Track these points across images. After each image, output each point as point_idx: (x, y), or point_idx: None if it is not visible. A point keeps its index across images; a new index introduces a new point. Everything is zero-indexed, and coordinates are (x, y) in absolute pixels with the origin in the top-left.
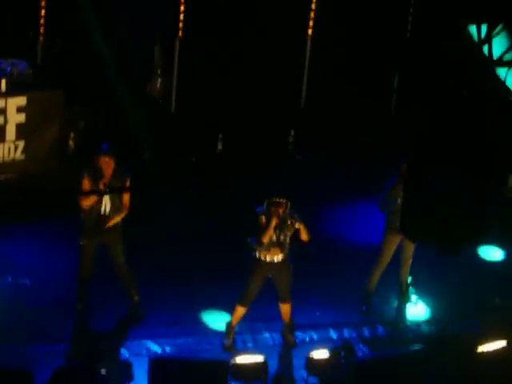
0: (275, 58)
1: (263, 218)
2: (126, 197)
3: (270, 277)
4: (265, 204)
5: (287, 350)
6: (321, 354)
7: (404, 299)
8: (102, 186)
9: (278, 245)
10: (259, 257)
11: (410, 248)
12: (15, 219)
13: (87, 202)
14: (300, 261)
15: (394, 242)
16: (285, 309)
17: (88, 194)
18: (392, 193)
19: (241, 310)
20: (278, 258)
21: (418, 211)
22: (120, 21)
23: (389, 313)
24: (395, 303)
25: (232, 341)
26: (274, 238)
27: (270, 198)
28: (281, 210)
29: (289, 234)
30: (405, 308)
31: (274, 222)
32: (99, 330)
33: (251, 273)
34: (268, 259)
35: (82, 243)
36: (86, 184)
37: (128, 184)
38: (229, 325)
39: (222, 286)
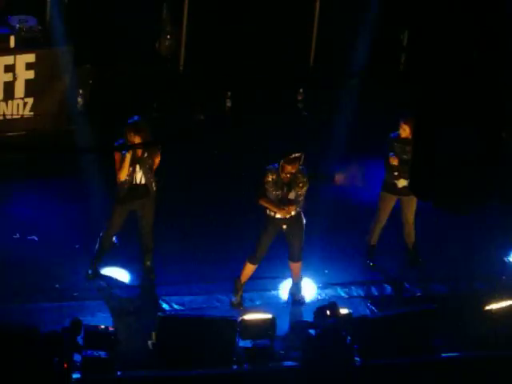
0: (285, 14)
1: (270, 175)
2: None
3: (283, 231)
4: (280, 162)
5: (295, 307)
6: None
7: (411, 258)
8: (133, 158)
9: (289, 202)
10: (269, 213)
11: (410, 207)
12: (23, 176)
13: (123, 174)
14: (308, 220)
15: (389, 198)
16: (295, 267)
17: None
18: (390, 148)
19: (251, 267)
20: (287, 214)
21: (428, 170)
22: None
23: (397, 272)
24: (403, 262)
25: (240, 298)
26: (285, 195)
27: (286, 155)
28: (293, 168)
29: (300, 191)
30: (412, 267)
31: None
32: (108, 286)
33: (262, 230)
34: (278, 215)
35: (114, 208)
36: (118, 157)
37: (159, 156)
38: (238, 282)
39: (232, 244)
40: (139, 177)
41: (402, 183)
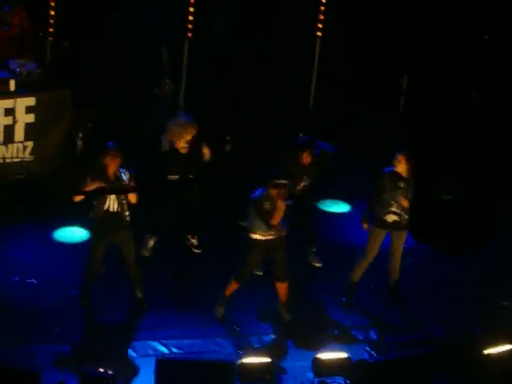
0: (284, 59)
1: (265, 203)
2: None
3: (268, 253)
4: (267, 188)
5: (294, 351)
6: (328, 355)
7: (392, 296)
8: (104, 183)
9: (278, 225)
10: (255, 237)
11: (398, 243)
12: (23, 219)
13: (78, 198)
14: (305, 263)
15: (379, 234)
16: (282, 288)
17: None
18: (381, 184)
19: (235, 286)
20: (273, 236)
21: (427, 214)
22: (128, 21)
23: (394, 315)
24: (397, 306)
25: (224, 311)
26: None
27: (271, 180)
28: (283, 192)
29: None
30: (392, 305)
31: (281, 205)
32: (106, 329)
33: (249, 253)
34: (264, 238)
35: (92, 242)
36: (89, 182)
37: (133, 180)
38: (223, 295)
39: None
40: (112, 204)
41: (391, 218)
